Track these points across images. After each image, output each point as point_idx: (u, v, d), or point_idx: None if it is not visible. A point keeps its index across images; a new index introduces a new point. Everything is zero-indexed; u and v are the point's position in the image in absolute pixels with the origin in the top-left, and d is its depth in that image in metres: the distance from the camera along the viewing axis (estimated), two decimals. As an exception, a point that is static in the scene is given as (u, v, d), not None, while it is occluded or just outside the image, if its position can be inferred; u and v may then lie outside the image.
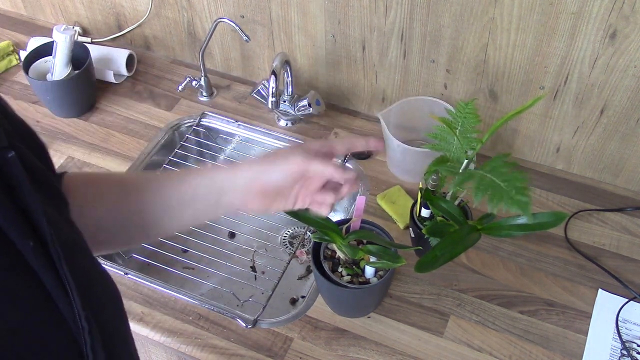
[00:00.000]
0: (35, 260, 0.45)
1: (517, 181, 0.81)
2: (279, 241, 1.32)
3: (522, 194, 0.78)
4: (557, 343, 0.99)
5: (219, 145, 1.39)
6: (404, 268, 1.07)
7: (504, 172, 0.83)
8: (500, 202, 0.78)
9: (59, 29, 1.28)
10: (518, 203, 0.78)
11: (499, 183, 0.81)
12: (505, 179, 0.82)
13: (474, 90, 1.20)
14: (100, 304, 0.51)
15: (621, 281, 1.05)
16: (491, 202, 0.79)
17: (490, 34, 1.10)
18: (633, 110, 1.09)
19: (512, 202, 0.78)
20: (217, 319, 1.03)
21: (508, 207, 0.78)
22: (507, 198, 0.78)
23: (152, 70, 1.48)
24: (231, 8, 1.31)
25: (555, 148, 1.22)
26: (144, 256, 1.15)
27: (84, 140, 1.32)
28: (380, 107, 1.33)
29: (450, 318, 1.02)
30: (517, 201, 0.78)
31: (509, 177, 0.82)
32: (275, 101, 1.23)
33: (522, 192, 0.78)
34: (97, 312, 0.48)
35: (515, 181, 0.81)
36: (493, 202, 0.79)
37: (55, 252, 0.46)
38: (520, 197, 0.78)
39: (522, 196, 0.78)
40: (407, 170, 1.21)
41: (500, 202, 0.78)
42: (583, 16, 1.00)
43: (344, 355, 0.97)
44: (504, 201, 0.78)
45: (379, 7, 1.15)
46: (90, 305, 0.48)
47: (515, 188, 0.79)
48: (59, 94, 1.33)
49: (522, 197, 0.78)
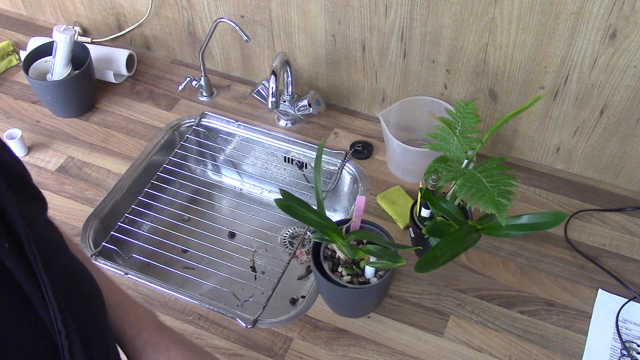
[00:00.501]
0: (10, 262, 0.44)
1: (503, 184, 0.81)
2: (279, 241, 1.32)
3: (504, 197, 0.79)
4: (557, 343, 0.99)
5: (219, 145, 1.39)
6: (404, 268, 1.07)
7: (494, 174, 0.84)
8: (479, 201, 0.79)
9: (59, 29, 1.28)
10: (496, 204, 0.78)
11: (485, 183, 0.82)
12: (493, 180, 0.82)
13: (474, 90, 1.20)
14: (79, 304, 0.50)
15: (621, 281, 1.05)
16: (472, 199, 0.80)
17: (490, 34, 1.10)
18: (633, 110, 1.09)
19: (491, 202, 0.78)
20: (217, 319, 1.03)
21: (486, 206, 0.78)
22: (487, 197, 0.79)
23: (152, 70, 1.48)
24: (231, 8, 1.31)
25: (555, 148, 1.22)
26: (144, 256, 1.15)
27: (84, 140, 1.32)
28: (380, 107, 1.33)
29: (450, 318, 1.02)
30: (496, 202, 0.78)
31: (497, 179, 0.82)
32: (275, 101, 1.23)
33: (504, 196, 0.79)
34: (75, 313, 0.47)
35: (501, 184, 0.81)
36: (473, 199, 0.79)
37: (31, 253, 0.45)
38: (500, 199, 0.78)
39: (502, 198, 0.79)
40: (407, 170, 1.21)
41: (479, 201, 0.79)
42: (583, 16, 1.00)
43: (344, 355, 0.97)
44: (483, 200, 0.79)
45: (379, 7, 1.15)
46: (69, 306, 0.47)
47: (499, 190, 0.80)
48: (59, 94, 1.33)
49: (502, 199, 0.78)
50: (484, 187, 0.81)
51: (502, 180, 0.82)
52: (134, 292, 1.06)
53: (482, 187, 0.81)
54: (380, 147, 1.29)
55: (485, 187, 0.81)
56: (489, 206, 0.78)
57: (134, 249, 1.18)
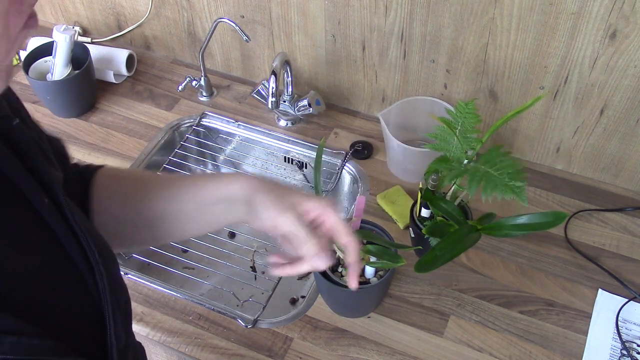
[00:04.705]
0: (50, 216, 0.51)
1: (510, 167, 0.79)
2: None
3: (516, 179, 0.77)
4: (557, 343, 0.99)
5: (219, 145, 1.39)
6: (404, 268, 1.07)
7: (497, 162, 0.82)
8: (494, 190, 0.77)
9: (59, 29, 1.28)
10: (512, 188, 0.76)
11: (492, 172, 0.80)
12: (498, 167, 0.81)
13: (474, 90, 1.20)
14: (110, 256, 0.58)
15: (621, 281, 1.05)
16: (485, 192, 0.78)
17: (490, 34, 1.10)
18: (633, 110, 1.09)
19: (506, 188, 0.76)
20: (217, 319, 1.03)
21: (502, 193, 0.76)
22: (500, 185, 0.77)
23: (152, 70, 1.48)
24: (231, 8, 1.31)
25: (555, 148, 1.22)
26: (144, 256, 1.15)
27: (84, 140, 1.32)
28: (380, 107, 1.33)
29: (450, 318, 1.02)
30: (510, 187, 0.76)
31: (502, 165, 0.81)
32: (275, 101, 1.23)
33: (516, 177, 0.77)
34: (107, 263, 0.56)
35: (508, 168, 0.80)
36: (487, 191, 0.77)
37: (68, 209, 0.53)
38: (514, 182, 0.77)
39: (515, 181, 0.77)
40: (407, 170, 1.21)
41: (494, 190, 0.77)
42: (583, 16, 1.00)
43: (344, 355, 0.97)
44: (498, 189, 0.77)
45: (379, 7, 1.15)
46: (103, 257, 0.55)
47: (509, 174, 0.78)
48: (59, 94, 1.33)
49: (516, 181, 0.77)
50: (493, 176, 0.79)
51: (507, 165, 0.81)
52: (134, 292, 1.06)
53: (492, 177, 0.79)
54: (380, 147, 1.29)
55: (494, 176, 0.79)
56: (506, 192, 0.76)
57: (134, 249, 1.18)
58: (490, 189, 0.78)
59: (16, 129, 0.51)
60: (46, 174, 0.52)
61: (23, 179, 0.50)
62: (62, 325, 0.50)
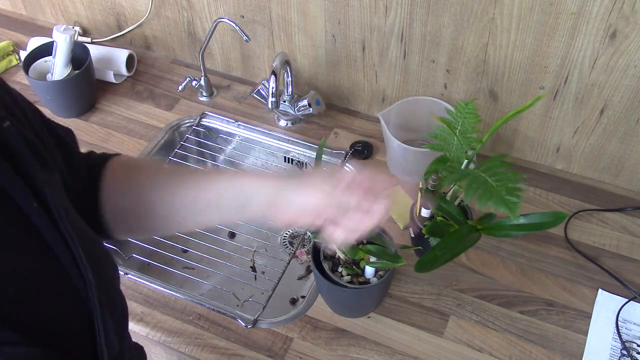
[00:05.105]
0: (38, 219, 0.50)
1: (510, 181, 0.79)
2: (279, 241, 1.32)
3: (512, 194, 0.77)
4: (557, 343, 0.99)
5: (219, 145, 1.39)
6: (404, 268, 1.07)
7: (499, 172, 0.82)
8: (488, 201, 0.77)
9: (59, 29, 1.28)
10: (506, 203, 0.76)
11: (491, 182, 0.80)
12: (498, 178, 0.81)
13: (474, 90, 1.20)
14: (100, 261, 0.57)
15: (621, 281, 1.05)
16: (480, 201, 0.78)
17: (490, 34, 1.10)
18: (633, 110, 1.09)
19: (501, 201, 0.77)
20: (217, 319, 1.03)
21: (496, 206, 0.76)
22: (496, 197, 0.77)
23: (152, 70, 1.48)
24: (231, 8, 1.31)
25: (555, 148, 1.22)
26: (144, 256, 1.15)
27: (84, 140, 1.32)
28: (380, 107, 1.33)
29: (450, 318, 1.02)
30: (505, 201, 0.77)
31: (503, 177, 0.81)
32: (275, 101, 1.23)
33: (513, 193, 0.77)
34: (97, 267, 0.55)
35: (508, 181, 0.80)
36: (482, 201, 0.78)
37: (57, 212, 0.52)
38: (509, 198, 0.77)
39: (511, 197, 0.77)
40: (407, 170, 1.21)
41: (488, 201, 0.77)
42: (583, 16, 1.00)
43: (344, 355, 0.97)
44: (492, 200, 0.77)
45: (379, 7, 1.15)
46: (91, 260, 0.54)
47: (507, 188, 0.78)
48: (59, 94, 1.33)
49: (512, 197, 0.77)
50: (491, 187, 0.80)
51: (507, 178, 0.81)
52: (134, 292, 1.06)
53: (489, 188, 0.80)
54: (380, 147, 1.29)
55: (492, 187, 0.80)
56: (499, 206, 0.76)
57: (134, 248, 1.18)
58: (486, 198, 0.78)
59: (6, 131, 0.51)
60: (37, 176, 0.51)
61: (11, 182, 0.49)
62: (51, 332, 0.49)
